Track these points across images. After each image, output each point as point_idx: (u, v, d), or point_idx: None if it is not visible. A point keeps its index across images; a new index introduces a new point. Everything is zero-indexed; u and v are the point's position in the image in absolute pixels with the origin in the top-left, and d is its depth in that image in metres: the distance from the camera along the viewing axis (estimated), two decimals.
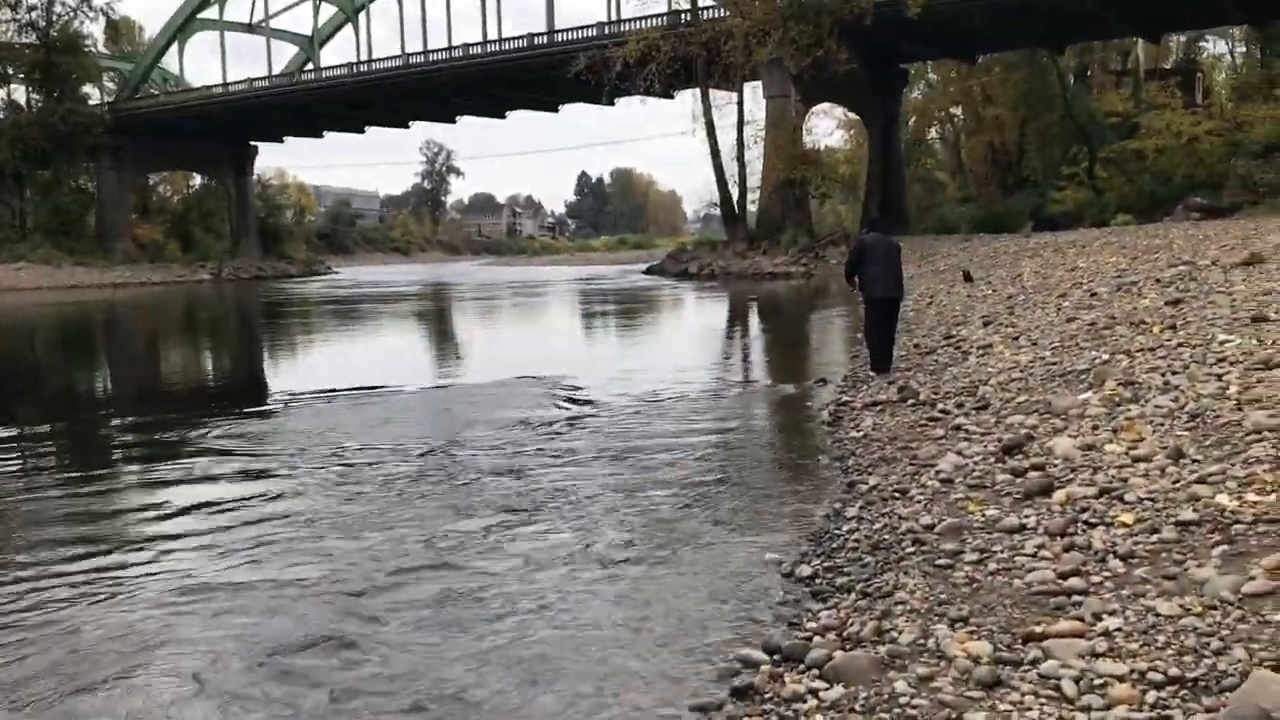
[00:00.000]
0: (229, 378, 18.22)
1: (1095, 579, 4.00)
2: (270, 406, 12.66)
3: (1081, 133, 47.08)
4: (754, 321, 25.68)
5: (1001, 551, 4.54)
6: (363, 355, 20.21)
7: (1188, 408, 6.08)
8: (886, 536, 5.15)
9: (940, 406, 8.26)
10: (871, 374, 11.09)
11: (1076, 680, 3.21)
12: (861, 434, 8.09)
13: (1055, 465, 5.69)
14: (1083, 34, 48.16)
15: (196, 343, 26.41)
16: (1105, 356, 8.17)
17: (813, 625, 4.20)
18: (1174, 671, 3.13)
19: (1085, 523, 4.65)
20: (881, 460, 6.99)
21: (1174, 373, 7.02)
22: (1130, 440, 5.74)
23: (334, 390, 13.24)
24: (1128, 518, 4.56)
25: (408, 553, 5.91)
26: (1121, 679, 3.15)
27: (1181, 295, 10.41)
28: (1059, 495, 5.10)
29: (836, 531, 5.54)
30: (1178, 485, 4.82)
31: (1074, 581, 3.98)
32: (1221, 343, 7.55)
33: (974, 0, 41.32)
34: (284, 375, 17.88)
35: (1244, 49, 57.33)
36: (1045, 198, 45.99)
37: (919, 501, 5.65)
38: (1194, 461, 5.13)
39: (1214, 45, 57.76)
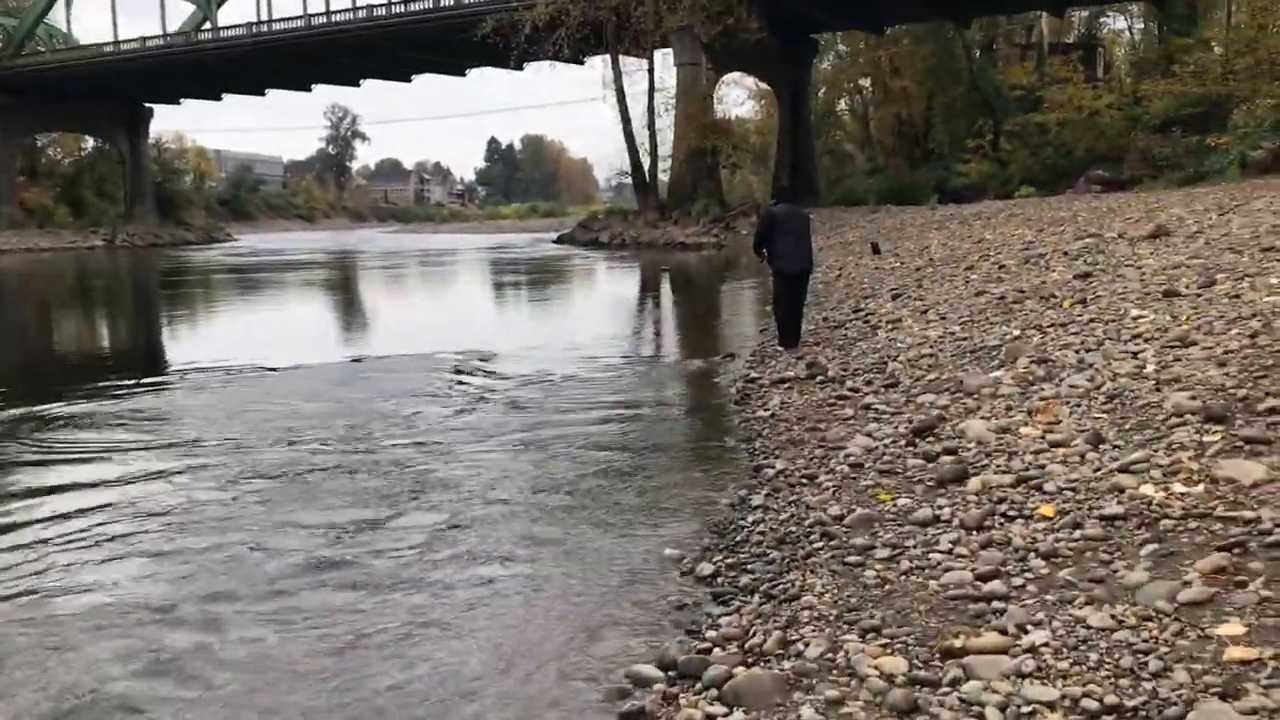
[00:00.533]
0: (120, 350, 17.28)
1: (1017, 581, 3.68)
2: (162, 381, 11.82)
3: (987, 106, 47.56)
4: (664, 293, 25.31)
5: (915, 548, 4.21)
6: (260, 327, 19.31)
7: (1104, 388, 5.84)
8: (793, 529, 4.80)
9: (849, 384, 7.99)
10: (780, 349, 10.83)
11: (1002, 708, 2.87)
12: (769, 413, 7.77)
13: (968, 449, 5.42)
14: (988, 8, 48.64)
15: (87, 312, 25.15)
16: (1016, 332, 7.99)
17: (713, 634, 3.82)
18: (1110, 699, 2.79)
19: (1003, 515, 4.35)
20: (789, 442, 6.70)
21: (1088, 350, 6.81)
22: (1046, 423, 5.48)
23: (230, 364, 12.54)
24: (1048, 510, 4.27)
25: (276, 550, 5.39)
26: (1052, 707, 2.82)
27: (1090, 269, 10.27)
28: (974, 483, 4.81)
29: (741, 522, 5.18)
30: (1099, 474, 4.54)
31: (994, 585, 3.65)
32: (1135, 319, 7.35)
33: None
34: (178, 347, 17.00)
35: (1143, 26, 58.50)
36: (950, 170, 46.38)
37: (827, 489, 5.33)
38: (1115, 447, 4.86)
39: (1114, 21, 58.79)
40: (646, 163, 50.44)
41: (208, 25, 64.44)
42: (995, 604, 3.52)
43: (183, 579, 5.04)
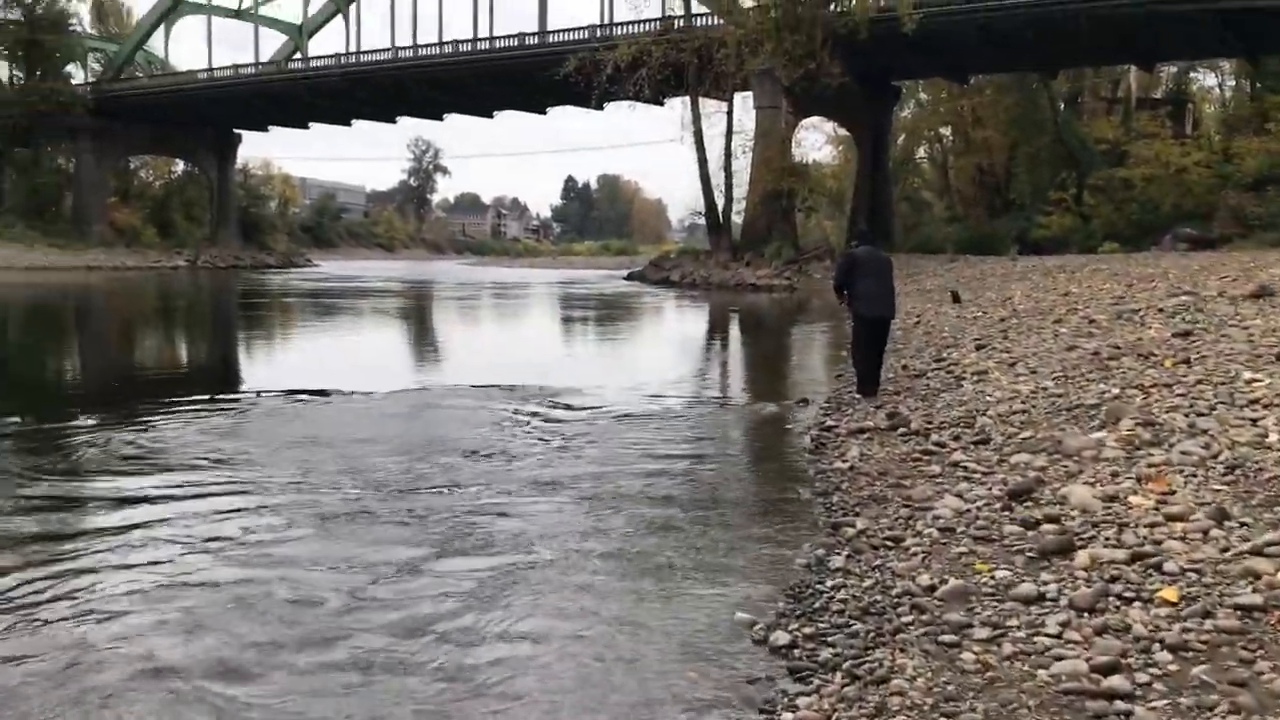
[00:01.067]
0: (194, 369, 17.30)
1: (1141, 678, 3.23)
2: (233, 403, 11.71)
3: (1071, 158, 46.73)
4: (734, 334, 24.92)
5: (1019, 629, 3.78)
6: (332, 351, 19.27)
7: (1222, 456, 5.35)
8: (879, 598, 4.36)
9: (935, 438, 7.51)
10: (857, 397, 10.38)
11: None
12: (847, 465, 7.30)
13: (1072, 518, 4.96)
14: (1076, 60, 47.92)
15: (162, 330, 25.45)
16: (1115, 391, 7.50)
17: (789, 717, 3.41)
18: None
19: (1118, 596, 3.88)
20: (870, 499, 6.25)
21: (1199, 414, 6.29)
22: (1160, 493, 4.99)
23: (301, 388, 12.37)
24: (1170, 594, 3.81)
25: (321, 592, 5.09)
26: None
27: (1190, 327, 9.73)
28: (1081, 557, 4.34)
29: (819, 587, 4.71)
30: (1227, 555, 4.06)
31: (1116, 681, 3.21)
32: (1249, 382, 6.82)
33: (969, 19, 40.79)
34: (252, 368, 17.00)
35: (1234, 82, 57.28)
36: (1031, 222, 45.62)
37: (916, 554, 4.88)
38: (1241, 525, 4.38)
39: (1204, 78, 57.54)
40: (721, 204, 50.24)
41: (298, 56, 65.98)
42: (1118, 704, 3.08)
43: (219, 617, 4.77)
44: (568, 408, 10.77)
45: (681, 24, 47.76)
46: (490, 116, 67.61)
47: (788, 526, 6.09)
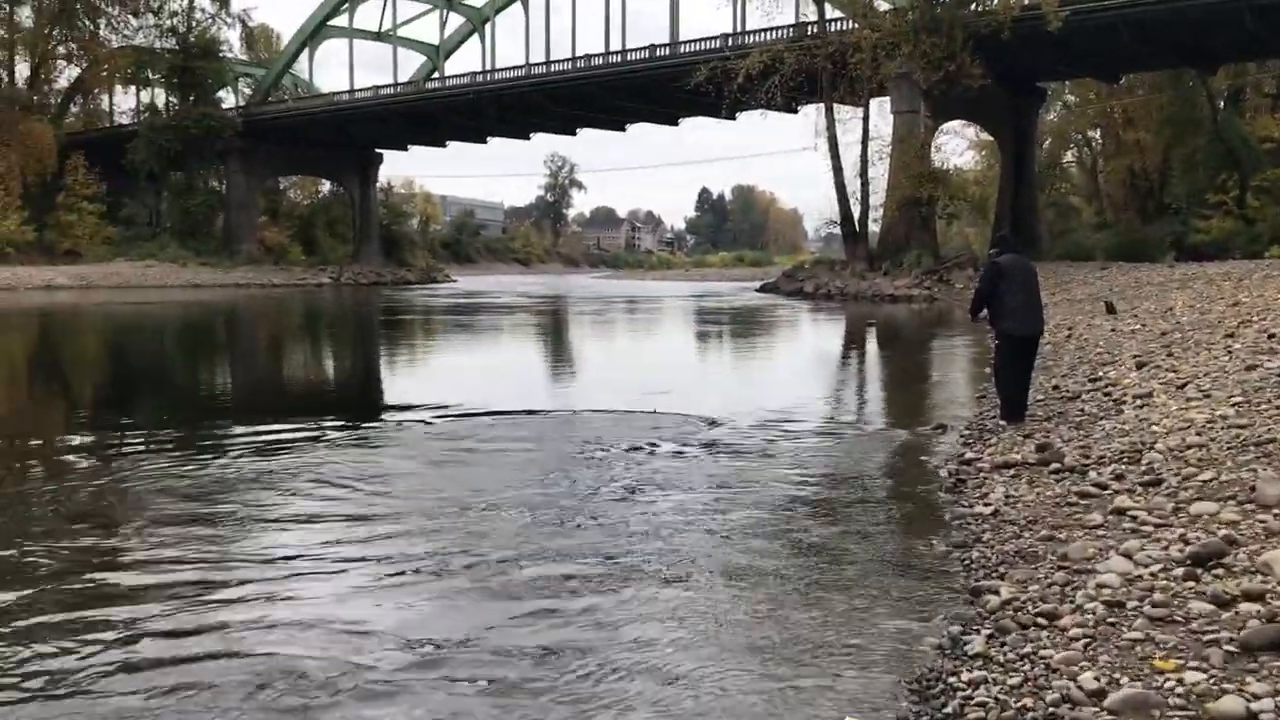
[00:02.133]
0: (336, 388, 17.23)
1: None
2: (378, 423, 11.57)
3: (1232, 158, 44.03)
4: (870, 349, 23.81)
5: None
6: (473, 371, 18.86)
7: None
8: (1029, 702, 3.47)
9: (1093, 476, 6.48)
10: (1002, 423, 9.31)
11: None
12: (990, 509, 6.32)
13: (1278, 589, 4.01)
14: (1238, 54, 45.12)
15: (305, 348, 25.82)
16: None
17: None
18: None
19: None
20: (1018, 555, 5.32)
21: None
22: None
23: (443, 408, 12.11)
24: None
25: (442, 632, 4.75)
26: None
27: None
28: None
29: (954, 681, 3.82)
30: None
31: None
32: None
33: (1121, 14, 38.70)
34: (393, 388, 16.88)
35: None
36: (1188, 226, 43.36)
37: (1076, 638, 3.94)
38: None
39: None
40: (857, 212, 49.06)
41: (436, 75, 67.22)
42: None
43: (337, 642, 4.66)
44: (686, 436, 9.95)
45: (815, 29, 46.74)
46: (622, 129, 67.76)
47: (916, 590, 5.27)
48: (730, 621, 4.80)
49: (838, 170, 48.14)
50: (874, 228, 49.63)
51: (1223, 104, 49.16)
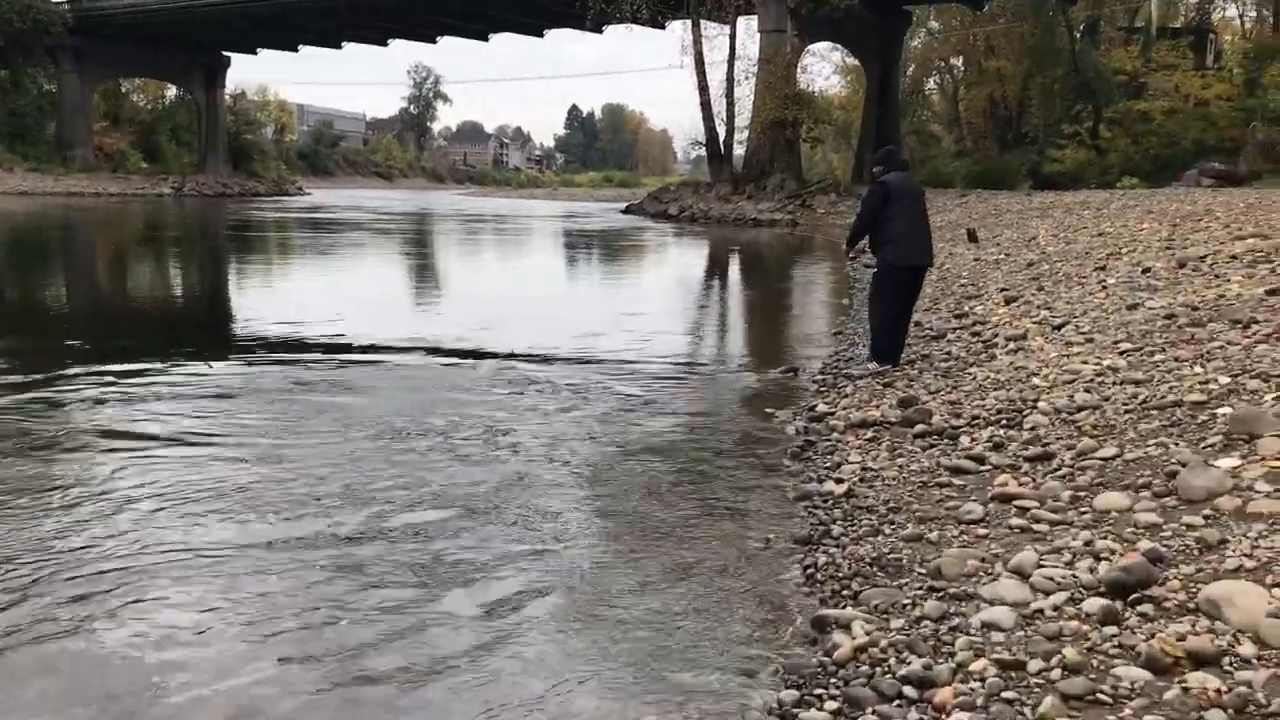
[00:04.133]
0: (155, 317, 15.56)
1: None
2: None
3: (1088, 90, 44.78)
4: (727, 277, 23.11)
5: None
6: (281, 298, 17.23)
7: None
8: None
9: (967, 445, 5.49)
10: (870, 366, 8.28)
11: None
12: (843, 487, 5.19)
13: (1237, 649, 2.97)
14: None
15: (108, 269, 23.74)
16: (1224, 380, 5.32)
17: None
18: None
19: None
20: (875, 564, 4.19)
21: None
22: None
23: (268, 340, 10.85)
24: None
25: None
26: None
27: None
28: None
29: None
30: None
31: None
32: None
33: None
34: (208, 314, 15.30)
35: (1255, 14, 55.27)
36: (1044, 156, 44.17)
37: (960, 711, 2.96)
38: None
39: (1222, 11, 55.39)
40: (722, 133, 48.35)
41: None
42: None
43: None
44: (520, 380, 8.91)
45: None
46: (485, 39, 65.39)
47: (745, 619, 3.99)
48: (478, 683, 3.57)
49: (703, 89, 47.31)
50: (740, 150, 49.06)
51: (1080, 35, 49.84)
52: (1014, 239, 17.21)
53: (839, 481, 5.34)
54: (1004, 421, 5.73)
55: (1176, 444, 4.68)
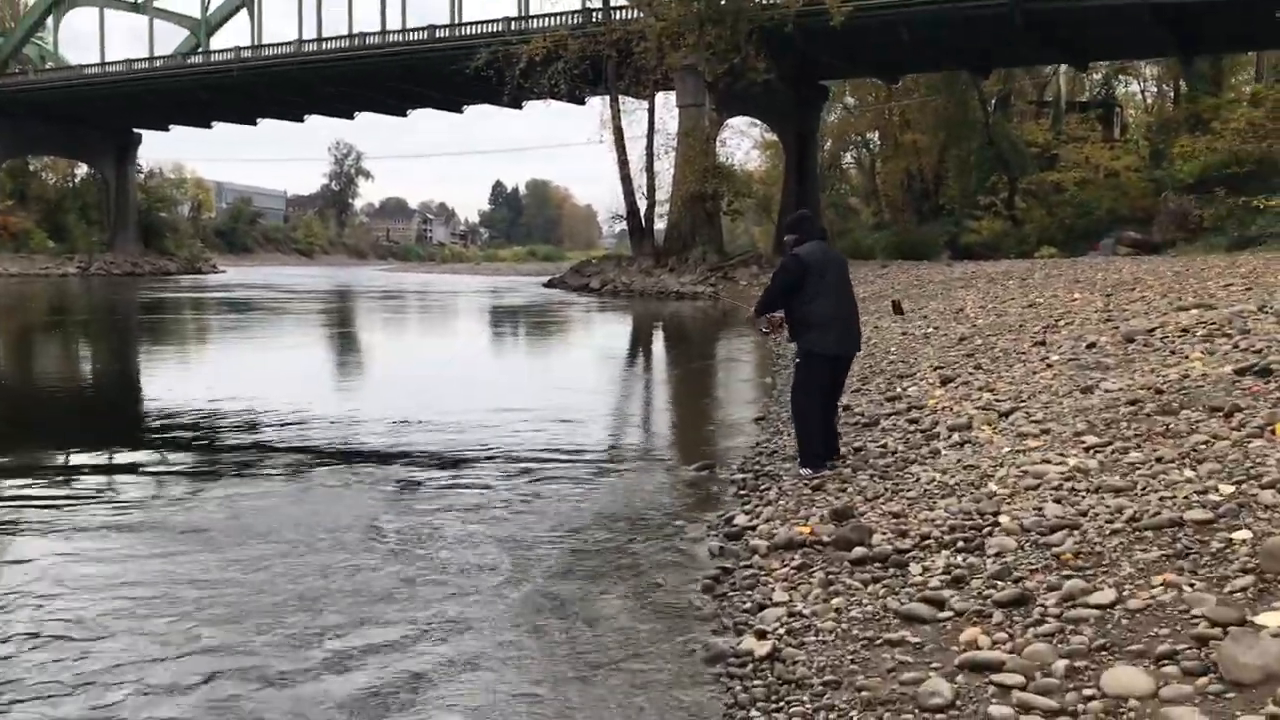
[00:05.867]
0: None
1: None
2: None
3: (1002, 161, 45.48)
4: (646, 353, 22.22)
5: None
6: (222, 379, 15.78)
7: None
8: None
9: (919, 577, 4.42)
10: (800, 472, 6.90)
11: None
12: (766, 648, 4.00)
13: None
14: (1009, 59, 46.60)
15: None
16: (1226, 489, 4.38)
17: None
18: None
19: None
20: None
21: None
22: None
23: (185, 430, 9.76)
24: None
25: None
26: None
27: (1263, 360, 6.47)
28: None
29: None
30: None
31: None
32: None
33: (899, 13, 38.86)
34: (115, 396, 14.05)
35: (1156, 89, 57.08)
36: (962, 227, 44.54)
37: None
38: None
39: (1129, 84, 57.03)
40: (643, 207, 47.96)
41: (200, 50, 62.09)
42: None
43: None
44: (408, 483, 7.85)
45: (599, 16, 45.30)
46: (404, 115, 64.85)
47: None
48: None
49: (623, 164, 47.03)
50: (662, 224, 48.69)
51: (993, 108, 50.70)
52: (941, 310, 16.55)
53: (761, 636, 4.17)
54: (960, 544, 4.66)
55: (1191, 585, 3.66)
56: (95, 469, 8.73)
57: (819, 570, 4.84)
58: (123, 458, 9.01)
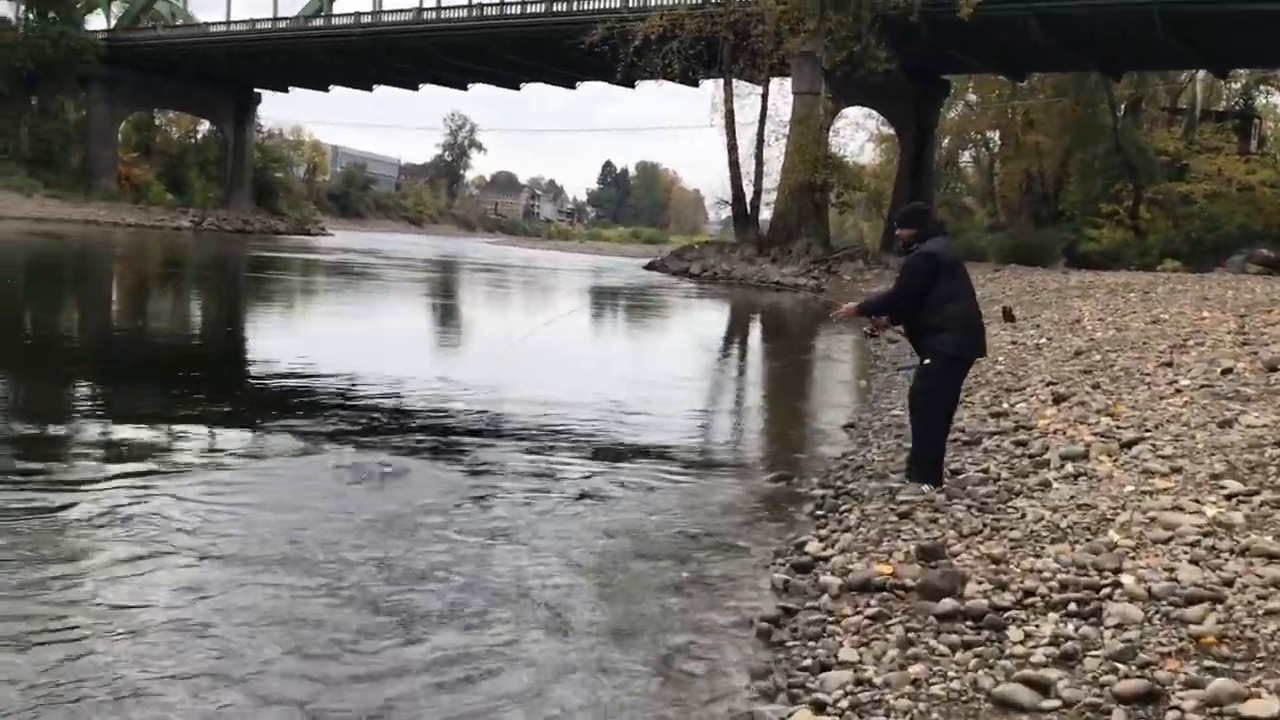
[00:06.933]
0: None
1: None
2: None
3: (1129, 168, 43.46)
4: (737, 346, 21.35)
5: None
6: (318, 344, 15.57)
7: None
8: None
9: (1019, 647, 3.62)
10: (920, 489, 6.08)
11: None
12: None
13: None
14: (1144, 61, 44.47)
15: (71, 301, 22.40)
16: None
17: None
18: None
19: None
20: None
21: None
22: None
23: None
24: None
25: None
26: None
27: None
28: None
29: None
30: None
31: None
32: None
33: (1032, 7, 37.15)
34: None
35: None
36: (1080, 234, 42.63)
37: None
38: None
39: (1266, 96, 54.08)
40: (750, 194, 47.07)
41: (324, 13, 62.88)
42: None
43: None
44: (497, 468, 7.30)
45: None
46: (517, 88, 64.78)
47: None
48: None
49: (732, 148, 46.16)
50: (767, 213, 47.73)
51: (1123, 113, 48.64)
52: (1055, 320, 15.51)
53: (819, 710, 3.37)
54: (1072, 606, 3.83)
55: None
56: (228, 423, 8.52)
57: (898, 624, 4.04)
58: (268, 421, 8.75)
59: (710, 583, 5.03)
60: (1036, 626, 3.78)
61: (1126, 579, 3.96)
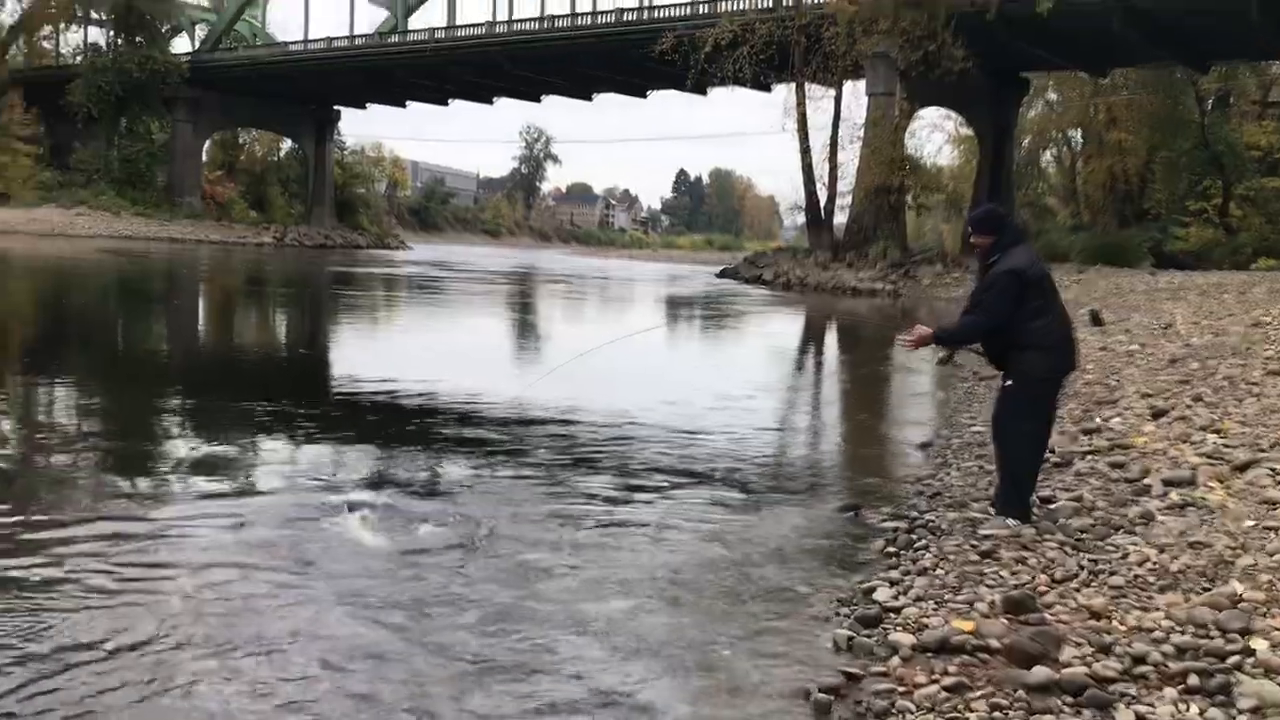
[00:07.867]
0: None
1: None
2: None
3: (1217, 164, 41.86)
4: (809, 357, 20.69)
5: None
6: (397, 358, 15.71)
7: None
8: None
9: None
10: (1007, 523, 5.44)
11: None
12: None
13: None
14: (1233, 52, 42.67)
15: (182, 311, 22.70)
16: None
17: None
18: None
19: None
20: None
21: None
22: None
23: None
24: None
25: None
26: None
27: None
28: None
29: None
30: None
31: None
32: None
33: (1116, 1, 35.88)
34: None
35: None
36: (1167, 233, 41.16)
37: None
38: None
39: None
40: (823, 198, 46.30)
41: (399, 30, 63.55)
42: None
43: None
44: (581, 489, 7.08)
45: (790, 1, 43.78)
46: (589, 99, 64.82)
47: None
48: None
49: (805, 151, 45.51)
50: (842, 217, 46.98)
51: (1210, 107, 46.87)
52: (1146, 324, 14.70)
53: None
54: (1193, 679, 3.19)
55: None
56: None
57: (980, 699, 3.37)
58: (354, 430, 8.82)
59: (762, 638, 4.41)
60: (1151, 707, 3.17)
61: (1259, 644, 3.35)
